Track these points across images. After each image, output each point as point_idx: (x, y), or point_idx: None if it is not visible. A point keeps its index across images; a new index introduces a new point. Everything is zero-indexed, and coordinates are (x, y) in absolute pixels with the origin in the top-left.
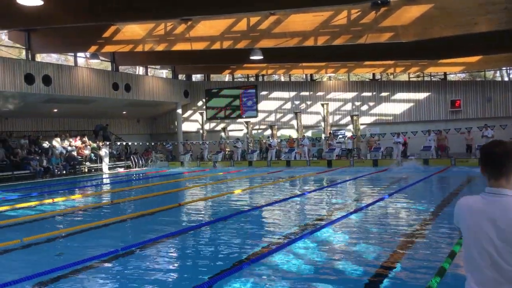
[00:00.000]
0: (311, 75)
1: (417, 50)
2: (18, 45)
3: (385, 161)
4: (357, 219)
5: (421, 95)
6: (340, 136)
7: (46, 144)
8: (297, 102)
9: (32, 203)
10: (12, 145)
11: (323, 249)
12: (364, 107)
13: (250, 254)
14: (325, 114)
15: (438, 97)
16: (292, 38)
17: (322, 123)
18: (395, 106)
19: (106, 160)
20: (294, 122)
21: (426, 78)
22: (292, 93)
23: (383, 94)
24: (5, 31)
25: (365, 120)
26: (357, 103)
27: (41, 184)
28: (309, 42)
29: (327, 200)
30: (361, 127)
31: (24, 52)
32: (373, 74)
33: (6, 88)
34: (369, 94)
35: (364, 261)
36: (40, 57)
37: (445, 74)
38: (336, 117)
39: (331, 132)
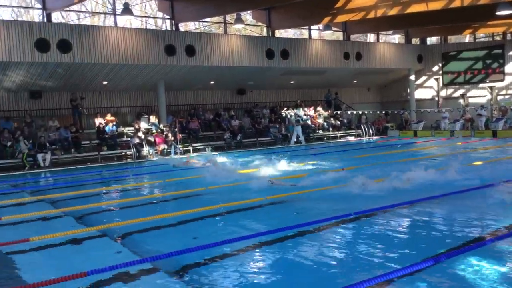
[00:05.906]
0: None
1: None
2: (260, 24)
3: None
4: None
5: None
6: None
7: (283, 114)
8: None
9: (274, 168)
10: (256, 114)
11: None
12: None
13: (492, 231)
14: None
15: None
16: None
17: None
18: None
19: (295, 134)
20: None
21: None
22: None
23: None
24: (250, 11)
25: None
26: None
27: (279, 150)
28: None
29: None
30: None
31: (265, 29)
32: None
33: (251, 63)
34: None
35: None
36: (278, 33)
37: None
38: None
39: None
